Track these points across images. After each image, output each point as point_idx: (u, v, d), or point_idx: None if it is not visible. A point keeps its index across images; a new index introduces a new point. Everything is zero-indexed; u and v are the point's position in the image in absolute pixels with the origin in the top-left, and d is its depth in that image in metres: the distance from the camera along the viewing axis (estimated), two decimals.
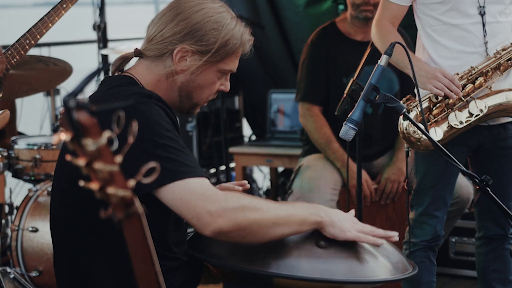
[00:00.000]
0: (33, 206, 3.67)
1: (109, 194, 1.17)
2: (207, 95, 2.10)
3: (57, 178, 2.07)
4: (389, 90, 3.88)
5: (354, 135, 2.37)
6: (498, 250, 3.10)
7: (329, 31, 4.02)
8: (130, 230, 1.23)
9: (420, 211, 3.03)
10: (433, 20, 2.91)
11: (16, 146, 3.87)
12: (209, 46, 2.01)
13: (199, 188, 1.82)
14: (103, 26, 5.78)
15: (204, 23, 2.01)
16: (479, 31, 2.86)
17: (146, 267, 1.27)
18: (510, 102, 2.88)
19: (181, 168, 1.82)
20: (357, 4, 3.83)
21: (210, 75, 2.06)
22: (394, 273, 1.96)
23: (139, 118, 1.63)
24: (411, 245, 3.05)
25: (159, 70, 2.04)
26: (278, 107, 5.22)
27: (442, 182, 2.97)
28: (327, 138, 3.87)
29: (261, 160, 4.95)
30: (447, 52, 2.90)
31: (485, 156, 3.03)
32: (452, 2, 2.85)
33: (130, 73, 2.07)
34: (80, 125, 1.12)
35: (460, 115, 2.85)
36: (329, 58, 3.96)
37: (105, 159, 1.15)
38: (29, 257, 3.60)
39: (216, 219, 1.79)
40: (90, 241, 1.94)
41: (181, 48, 2.01)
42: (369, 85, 2.38)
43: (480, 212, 3.12)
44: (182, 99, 2.07)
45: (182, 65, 2.02)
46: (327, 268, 1.88)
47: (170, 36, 2.01)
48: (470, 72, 2.84)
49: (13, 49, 2.99)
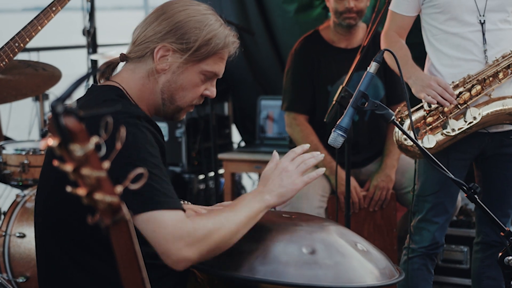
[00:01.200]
0: (20, 212, 3.65)
1: (97, 200, 1.16)
2: (190, 98, 2.06)
3: (41, 186, 2.05)
4: (374, 96, 3.90)
5: (342, 142, 2.37)
6: (494, 257, 3.10)
7: (312, 39, 4.03)
8: (117, 236, 1.23)
9: (420, 217, 3.06)
10: (435, 30, 2.96)
11: (4, 151, 3.86)
12: (189, 44, 1.99)
13: (171, 223, 1.77)
14: (93, 31, 5.77)
15: (186, 22, 2.00)
16: (479, 39, 2.89)
17: (133, 273, 1.27)
18: (506, 109, 2.89)
19: (158, 197, 1.79)
20: (340, 12, 3.84)
21: (191, 75, 2.03)
22: (381, 279, 1.96)
23: (125, 139, 1.58)
24: (410, 251, 3.06)
25: (141, 71, 2.03)
26: (267, 114, 5.22)
27: (443, 189, 3.00)
28: (314, 146, 3.88)
29: (250, 167, 4.95)
30: (448, 60, 2.93)
31: (488, 163, 3.05)
32: (451, 12, 2.89)
33: (116, 82, 2.04)
34: (68, 131, 1.12)
35: (455, 123, 2.87)
36: (313, 67, 3.97)
37: (92, 165, 1.14)
38: (16, 262, 3.58)
39: (185, 256, 1.76)
40: (73, 249, 1.92)
41: (162, 46, 1.99)
42: (358, 92, 2.38)
43: (480, 218, 3.14)
44: (165, 102, 2.05)
45: (163, 64, 2.00)
46: (314, 274, 1.88)
47: (152, 35, 2.00)
48: (466, 80, 2.87)
49: (1, 51, 2.98)
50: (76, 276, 1.92)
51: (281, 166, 2.01)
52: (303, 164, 2.02)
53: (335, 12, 3.87)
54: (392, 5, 3.07)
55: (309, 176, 2.00)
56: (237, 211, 1.91)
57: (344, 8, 3.82)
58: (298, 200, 3.76)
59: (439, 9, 2.92)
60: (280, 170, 2.00)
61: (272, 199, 1.96)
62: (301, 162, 2.02)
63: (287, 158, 2.03)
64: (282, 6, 5.13)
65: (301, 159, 2.03)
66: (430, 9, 2.95)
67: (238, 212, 1.90)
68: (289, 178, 1.98)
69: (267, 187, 1.98)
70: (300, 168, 2.01)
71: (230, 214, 1.89)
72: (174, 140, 5.27)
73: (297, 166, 2.01)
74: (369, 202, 3.88)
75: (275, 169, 2.02)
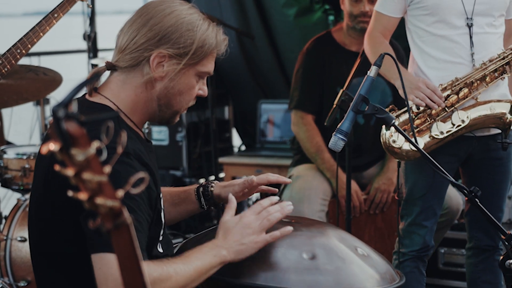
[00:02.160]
0: (21, 216, 3.65)
1: (98, 204, 1.16)
2: (187, 101, 2.02)
3: (33, 191, 2.03)
4: (382, 101, 3.89)
5: (343, 146, 2.37)
6: (488, 261, 3.10)
7: (324, 40, 4.03)
8: (118, 240, 1.23)
9: (409, 221, 3.04)
10: (421, 31, 2.94)
11: (5, 156, 3.86)
12: (186, 48, 1.94)
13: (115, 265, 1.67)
14: (93, 36, 5.77)
15: (178, 25, 1.94)
16: (466, 42, 2.88)
17: (135, 278, 1.27)
18: (494, 113, 2.89)
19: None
20: (355, 15, 3.84)
21: (189, 79, 1.98)
22: (381, 284, 1.95)
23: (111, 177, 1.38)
24: (400, 255, 3.06)
25: (136, 81, 1.96)
26: (268, 117, 5.22)
27: (431, 192, 2.99)
28: (318, 147, 3.88)
29: (250, 171, 4.95)
30: (435, 63, 2.92)
31: (475, 167, 3.04)
32: (439, 14, 2.88)
33: (105, 97, 1.97)
34: (69, 135, 1.12)
35: (443, 126, 2.87)
36: (323, 68, 3.97)
37: (93, 170, 1.14)
38: (17, 267, 3.58)
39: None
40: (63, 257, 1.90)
41: (158, 53, 1.92)
42: (358, 96, 2.38)
43: (470, 223, 3.13)
44: (162, 108, 2.00)
45: (160, 71, 1.94)
46: (314, 279, 1.88)
47: (144, 42, 1.93)
48: (454, 83, 2.86)
49: (3, 58, 2.99)
50: (70, 281, 1.91)
51: (244, 221, 1.91)
52: (266, 221, 1.92)
53: (349, 15, 3.86)
54: (377, 6, 3.04)
55: (272, 235, 1.91)
56: (188, 263, 1.82)
57: (359, 12, 3.81)
58: (299, 203, 3.76)
59: (427, 11, 2.90)
60: (243, 225, 1.90)
61: (229, 255, 1.86)
62: (266, 217, 1.92)
63: (252, 211, 1.94)
64: (282, 10, 5.14)
65: (267, 213, 1.93)
66: (417, 11, 2.94)
67: (189, 264, 1.82)
68: (251, 235, 1.89)
69: (226, 242, 1.88)
70: (263, 225, 1.91)
71: (181, 267, 1.80)
72: (175, 144, 5.28)
73: (261, 223, 1.91)
74: (370, 205, 3.88)
75: (238, 222, 1.91)
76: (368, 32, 3.06)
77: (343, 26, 3.98)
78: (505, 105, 2.90)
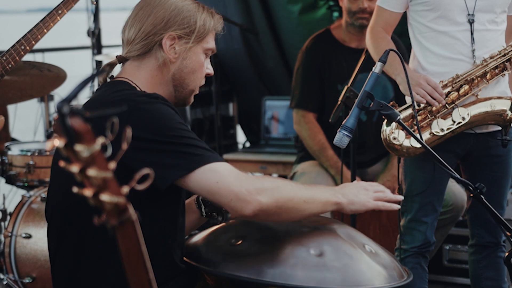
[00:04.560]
0: (26, 212, 3.65)
1: (103, 200, 1.16)
2: (200, 78, 2.13)
3: (53, 188, 2.05)
4: (383, 97, 3.89)
5: (348, 142, 2.37)
6: (490, 257, 3.10)
7: (323, 38, 4.03)
8: (123, 237, 1.23)
9: (409, 217, 3.04)
10: (423, 27, 2.93)
11: (9, 152, 3.86)
12: (191, 27, 2.06)
13: (230, 170, 1.85)
14: (98, 32, 5.77)
15: (179, 9, 2.06)
16: (467, 38, 2.87)
17: (140, 275, 1.26)
18: (494, 110, 2.88)
19: (207, 153, 1.86)
20: (353, 12, 3.83)
21: (197, 56, 2.09)
22: (389, 281, 1.95)
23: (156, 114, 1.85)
24: (402, 252, 3.05)
25: (151, 65, 2.06)
26: (272, 114, 5.21)
27: (431, 188, 2.98)
28: (321, 145, 3.87)
29: (255, 167, 4.95)
30: (435, 59, 2.91)
31: (475, 164, 3.03)
32: (441, 10, 2.87)
33: (124, 77, 2.06)
34: (74, 131, 1.12)
35: (443, 123, 2.86)
36: (323, 65, 3.97)
37: (98, 166, 1.14)
38: (22, 263, 3.58)
39: (256, 197, 1.83)
40: (89, 246, 1.93)
41: (168, 36, 2.04)
42: (363, 92, 2.37)
43: (473, 220, 3.12)
44: (177, 88, 2.10)
45: (172, 52, 2.05)
46: (322, 276, 1.87)
47: (152, 29, 2.04)
48: (455, 79, 2.85)
49: (8, 54, 2.98)
50: (93, 272, 1.93)
51: (362, 184, 2.10)
52: (382, 193, 2.10)
53: (348, 12, 3.86)
54: (379, 1, 3.03)
55: (384, 204, 2.08)
56: (308, 188, 1.99)
57: (358, 8, 3.81)
58: None
59: (428, 6, 2.89)
60: (360, 186, 2.09)
61: (343, 199, 2.02)
62: (382, 191, 2.10)
63: (370, 183, 2.13)
64: (286, 7, 5.13)
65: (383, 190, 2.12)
66: (418, 6, 2.92)
67: (308, 189, 1.98)
68: (365, 195, 2.06)
69: (343, 190, 2.05)
70: (378, 194, 2.09)
71: (300, 186, 1.98)
72: None
73: (376, 192, 2.09)
74: None
75: (356, 183, 2.11)
76: (370, 27, 3.06)
77: (342, 23, 3.97)
78: (505, 102, 2.89)
